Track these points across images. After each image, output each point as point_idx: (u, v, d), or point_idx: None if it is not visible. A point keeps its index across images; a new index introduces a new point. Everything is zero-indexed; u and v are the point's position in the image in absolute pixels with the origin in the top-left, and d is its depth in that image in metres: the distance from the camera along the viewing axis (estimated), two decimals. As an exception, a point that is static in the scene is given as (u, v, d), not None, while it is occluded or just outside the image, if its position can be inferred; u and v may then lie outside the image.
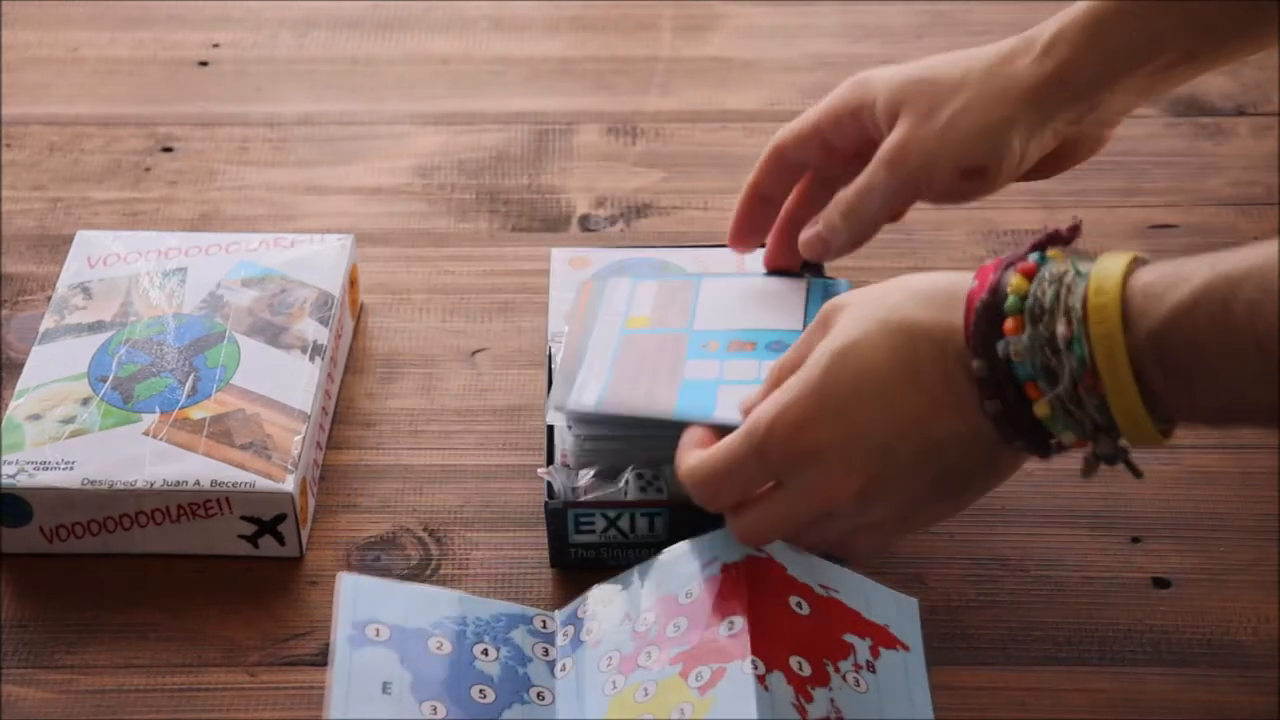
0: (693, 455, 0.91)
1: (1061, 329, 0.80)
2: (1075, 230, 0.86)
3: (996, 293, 0.83)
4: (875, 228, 1.02)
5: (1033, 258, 0.84)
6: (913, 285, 0.87)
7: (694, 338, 1.02)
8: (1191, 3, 0.94)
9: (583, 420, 0.99)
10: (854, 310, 0.88)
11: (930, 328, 0.85)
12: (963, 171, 0.98)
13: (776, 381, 0.89)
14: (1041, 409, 0.82)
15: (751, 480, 0.89)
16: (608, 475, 0.99)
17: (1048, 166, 1.01)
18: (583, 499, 0.98)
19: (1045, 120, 0.97)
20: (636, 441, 0.99)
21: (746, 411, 0.90)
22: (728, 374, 0.99)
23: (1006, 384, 0.83)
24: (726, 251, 1.13)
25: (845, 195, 1.01)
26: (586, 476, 0.99)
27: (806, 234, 1.03)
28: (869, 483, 0.86)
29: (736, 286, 1.06)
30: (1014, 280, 0.83)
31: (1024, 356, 0.81)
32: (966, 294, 0.84)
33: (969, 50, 1.00)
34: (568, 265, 1.13)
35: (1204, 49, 0.96)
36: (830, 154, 1.03)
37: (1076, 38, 0.96)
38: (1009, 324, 0.82)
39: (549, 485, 0.99)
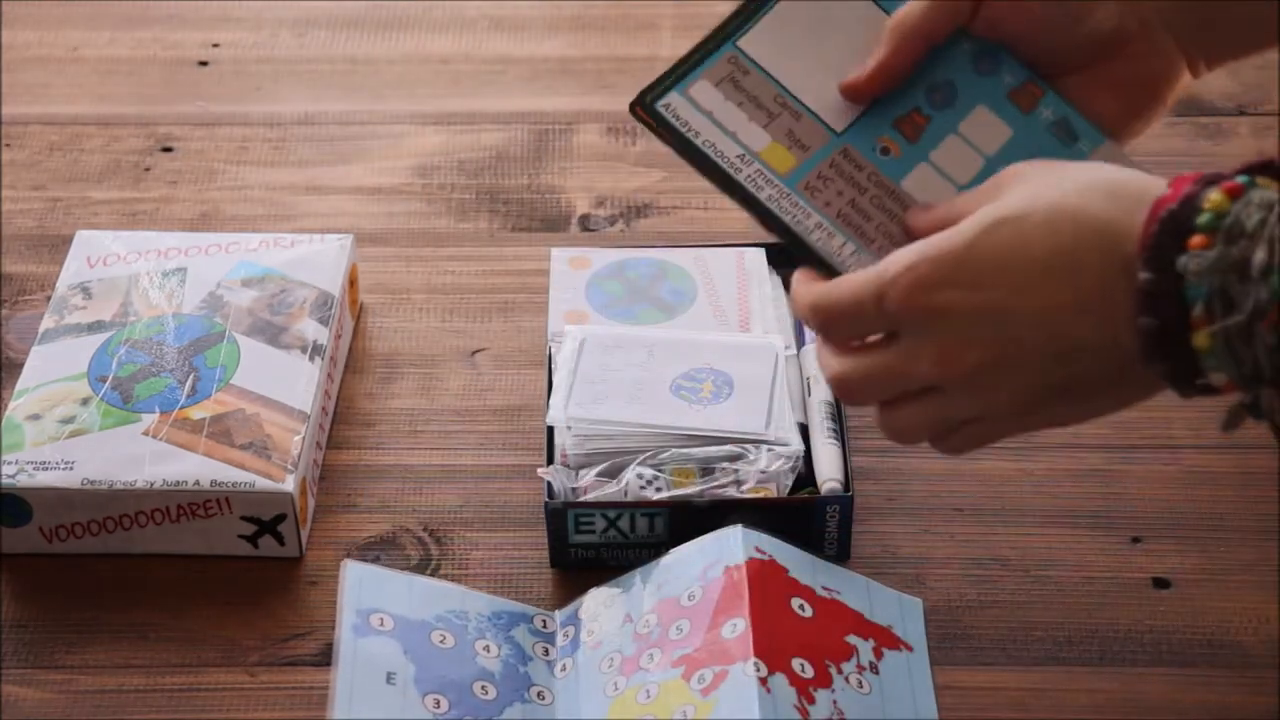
0: (814, 284, 0.85)
1: (1260, 256, 0.73)
2: None
3: (1189, 204, 0.76)
4: (913, 46, 0.90)
5: (1240, 179, 0.76)
6: (1100, 175, 0.81)
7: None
8: None
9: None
10: (1030, 182, 0.81)
11: (1102, 222, 0.78)
12: None
13: (933, 228, 0.83)
14: (1201, 339, 0.75)
15: (866, 321, 0.83)
16: (608, 475, 0.99)
17: (1122, 100, 0.92)
18: (583, 499, 0.98)
19: None
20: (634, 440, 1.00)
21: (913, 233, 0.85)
22: None
23: (1171, 303, 0.76)
24: (727, 251, 1.13)
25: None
26: (587, 476, 0.99)
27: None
28: (986, 364, 0.80)
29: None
30: (1214, 196, 0.76)
31: (1203, 276, 0.74)
32: (1154, 199, 0.77)
33: None
34: (568, 265, 1.13)
35: None
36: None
37: None
38: (1196, 239, 0.75)
39: (549, 485, 0.99)
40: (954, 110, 0.90)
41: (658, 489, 0.98)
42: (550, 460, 1.00)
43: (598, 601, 0.94)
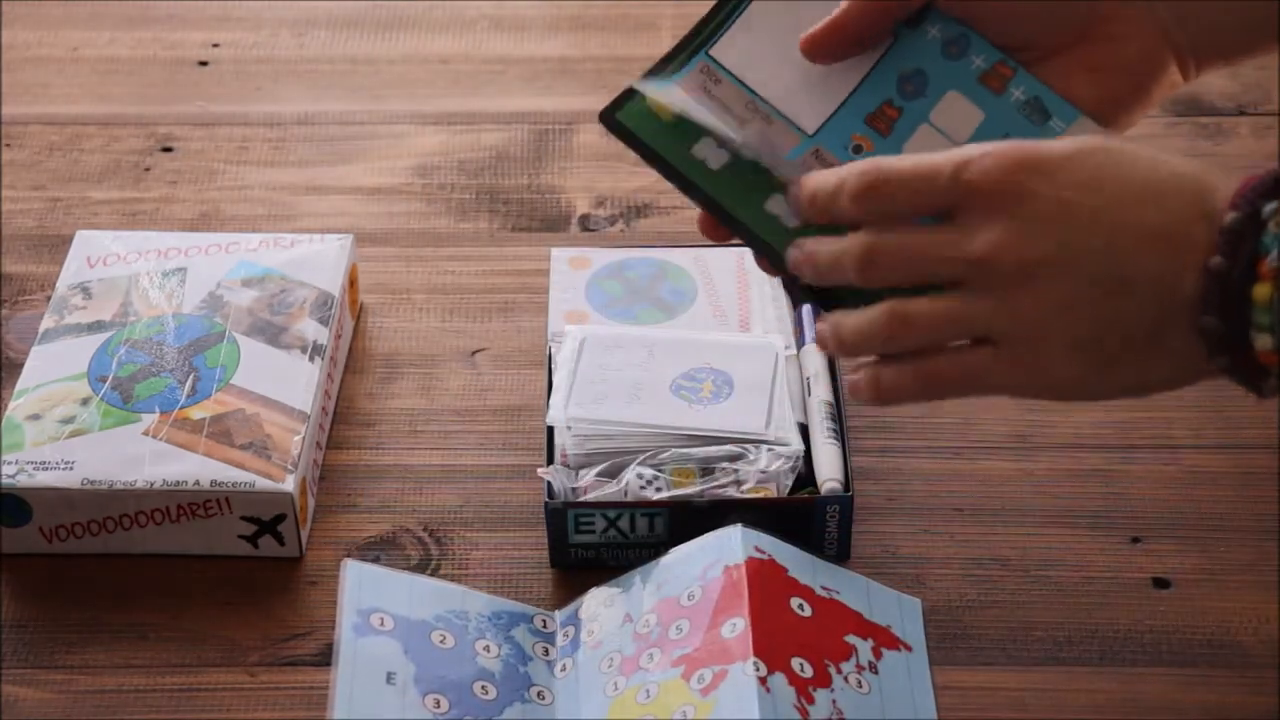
0: (875, 160, 0.82)
1: None
2: None
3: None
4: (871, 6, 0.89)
5: None
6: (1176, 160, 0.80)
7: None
8: None
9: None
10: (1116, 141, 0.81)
11: (1195, 177, 0.78)
12: None
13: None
14: (1262, 290, 0.75)
15: (932, 193, 0.80)
16: (608, 475, 0.99)
17: (1101, 85, 0.89)
18: (583, 499, 0.98)
19: None
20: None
21: None
22: None
23: (1246, 246, 0.75)
24: (727, 251, 1.13)
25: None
26: (587, 476, 0.99)
27: None
28: (1039, 262, 0.78)
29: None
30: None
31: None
32: (1244, 177, 0.77)
33: None
34: (568, 265, 1.13)
35: None
36: None
37: None
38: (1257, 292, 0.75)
39: (549, 485, 0.99)
40: (925, 99, 0.89)
41: (658, 489, 0.98)
42: (550, 460, 1.00)
43: (598, 601, 0.94)
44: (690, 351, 1.05)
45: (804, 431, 1.02)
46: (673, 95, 0.89)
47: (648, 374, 1.03)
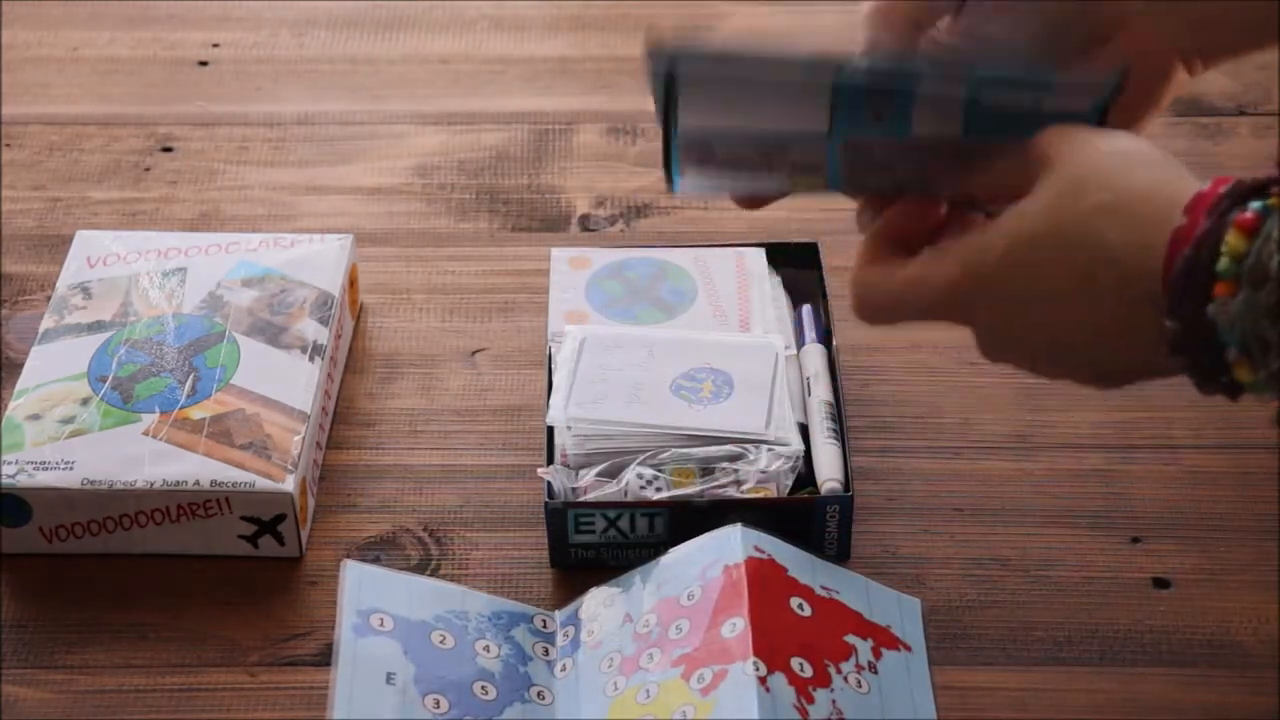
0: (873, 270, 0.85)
1: None
2: None
3: (1206, 248, 0.73)
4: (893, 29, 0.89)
5: (1254, 207, 0.73)
6: (1122, 188, 0.77)
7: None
8: None
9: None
10: (1054, 187, 0.78)
11: (1119, 256, 0.76)
12: None
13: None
14: (1244, 374, 0.73)
15: (901, 311, 0.84)
16: (608, 475, 0.99)
17: (1124, 99, 0.88)
18: (583, 499, 0.98)
19: None
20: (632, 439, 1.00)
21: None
22: None
23: (1206, 346, 0.74)
24: (727, 251, 1.13)
25: None
26: (587, 476, 0.99)
27: None
28: (1001, 350, 0.82)
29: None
30: (1231, 239, 0.72)
31: (1234, 323, 0.72)
32: (1171, 233, 0.74)
33: None
34: (568, 265, 1.13)
35: None
36: None
37: None
38: (1220, 287, 0.73)
39: (549, 485, 0.99)
40: (899, 101, 0.86)
41: (658, 489, 0.98)
42: (550, 460, 1.00)
43: (597, 601, 0.94)
44: (690, 351, 1.05)
45: (804, 431, 1.02)
46: (689, 180, 0.87)
47: (648, 374, 1.03)
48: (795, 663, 0.87)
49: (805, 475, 1.00)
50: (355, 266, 1.14)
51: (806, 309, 1.09)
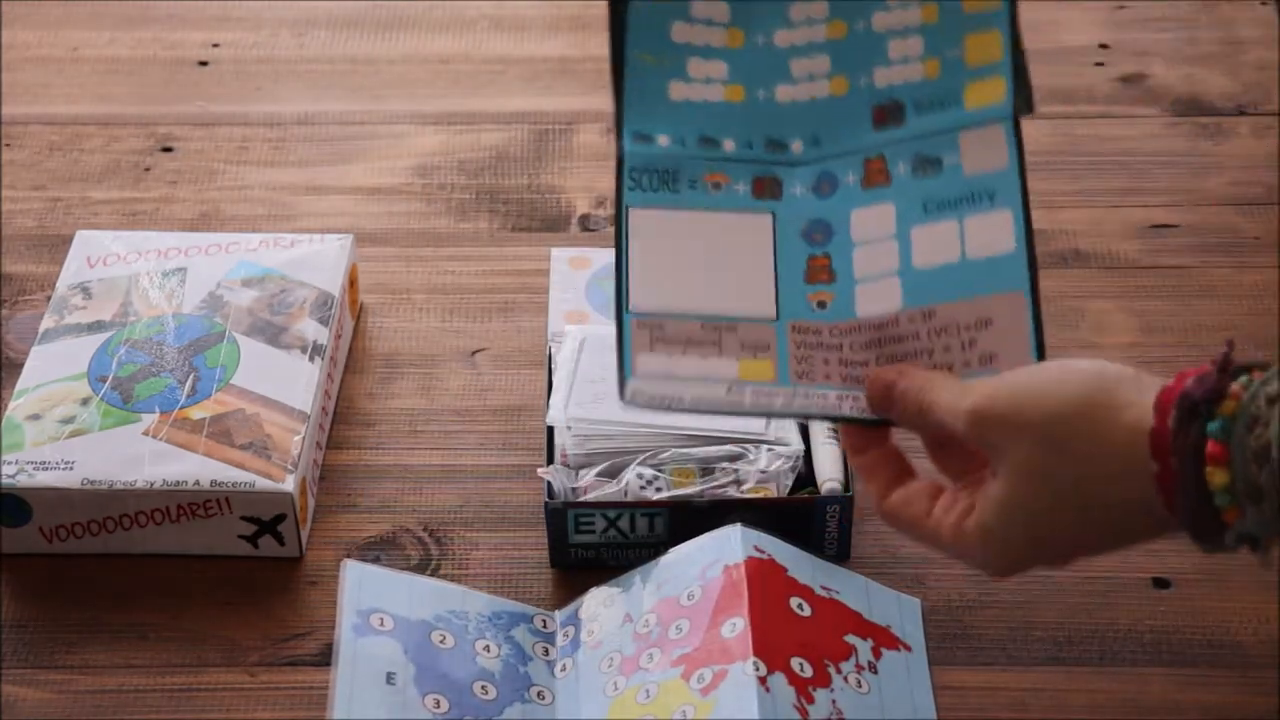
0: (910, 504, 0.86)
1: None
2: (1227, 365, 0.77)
3: (1195, 482, 0.76)
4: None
5: (1213, 433, 0.75)
6: (1081, 420, 0.79)
7: None
8: None
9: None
10: (1018, 442, 0.80)
11: (1107, 489, 0.79)
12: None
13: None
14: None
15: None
16: (608, 475, 0.99)
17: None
18: (583, 499, 0.98)
19: None
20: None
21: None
22: None
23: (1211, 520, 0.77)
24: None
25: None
26: (587, 476, 0.99)
27: None
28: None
29: None
30: (1214, 475, 0.76)
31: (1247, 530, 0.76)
32: (1154, 476, 0.77)
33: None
34: (568, 265, 1.13)
35: None
36: None
37: None
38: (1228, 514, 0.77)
39: (549, 485, 0.99)
40: (836, 234, 0.90)
41: (658, 489, 0.98)
42: (550, 460, 1.00)
43: (597, 601, 0.94)
44: None
45: (804, 431, 1.02)
46: (643, 361, 0.88)
47: None
48: (795, 663, 0.87)
49: (805, 475, 1.00)
50: (355, 266, 1.14)
51: None
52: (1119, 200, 1.22)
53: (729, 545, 0.92)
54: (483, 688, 0.89)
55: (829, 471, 0.99)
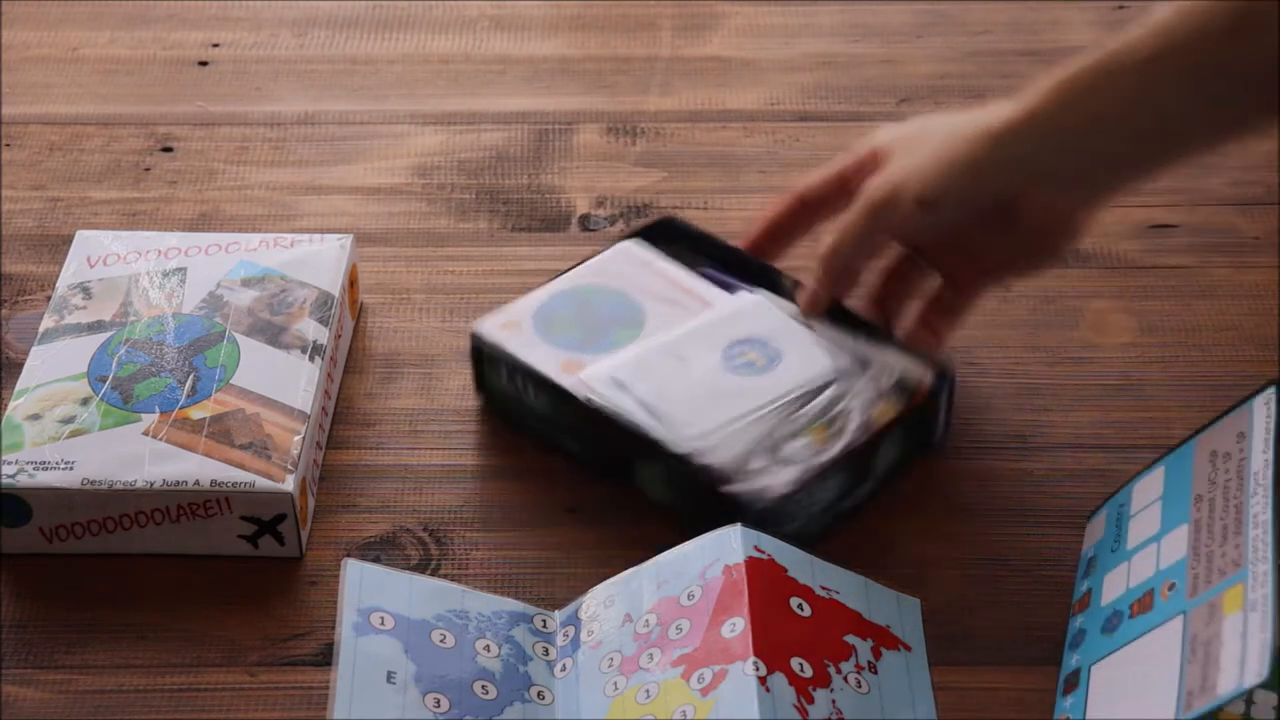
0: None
1: None
2: None
3: None
4: (855, 267, 1.04)
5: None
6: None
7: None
8: (1175, 78, 0.93)
9: None
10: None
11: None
12: (919, 202, 0.99)
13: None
14: None
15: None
16: (767, 462, 0.99)
17: (1020, 250, 1.03)
18: (781, 493, 0.98)
19: (1005, 165, 0.97)
20: None
21: None
22: None
23: None
24: (617, 252, 1.12)
25: (824, 239, 1.03)
26: (768, 477, 0.98)
27: (800, 293, 1.06)
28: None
29: None
30: None
31: None
32: None
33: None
34: (502, 331, 1.06)
35: (1182, 129, 0.96)
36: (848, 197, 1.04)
37: (1047, 86, 0.95)
38: None
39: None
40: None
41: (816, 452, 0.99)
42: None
43: (597, 601, 0.94)
44: (708, 336, 1.04)
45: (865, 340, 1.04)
46: None
47: (699, 374, 1.02)
48: (795, 663, 0.87)
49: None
50: (355, 266, 1.14)
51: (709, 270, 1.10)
52: (1118, 200, 1.22)
53: (729, 545, 0.92)
54: (483, 687, 0.90)
55: (914, 363, 1.03)
